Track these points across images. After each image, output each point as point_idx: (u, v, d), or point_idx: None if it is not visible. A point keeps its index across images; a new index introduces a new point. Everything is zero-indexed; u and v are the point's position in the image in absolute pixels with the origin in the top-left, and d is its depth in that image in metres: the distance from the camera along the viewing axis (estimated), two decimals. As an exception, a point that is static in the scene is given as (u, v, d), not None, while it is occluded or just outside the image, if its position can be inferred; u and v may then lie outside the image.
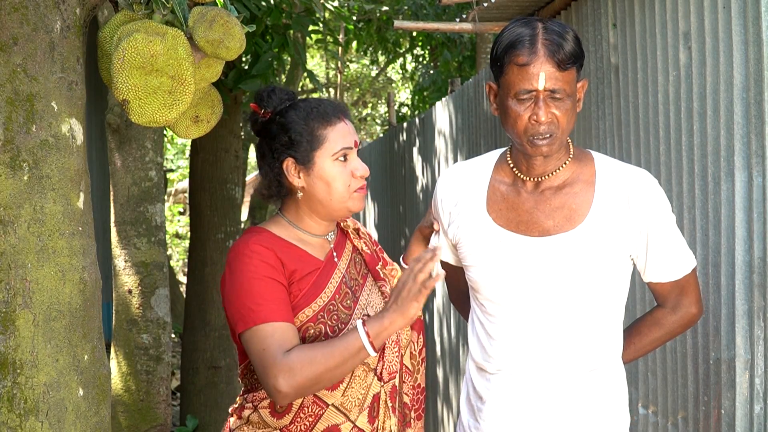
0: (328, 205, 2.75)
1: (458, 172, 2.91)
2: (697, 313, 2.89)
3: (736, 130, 3.19)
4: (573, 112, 2.66)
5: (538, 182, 2.76)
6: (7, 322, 2.29)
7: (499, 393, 2.81)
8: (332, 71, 22.90)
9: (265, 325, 2.59)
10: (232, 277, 2.67)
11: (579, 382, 2.76)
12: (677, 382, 3.63)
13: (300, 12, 7.88)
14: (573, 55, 2.60)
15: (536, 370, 2.76)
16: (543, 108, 2.60)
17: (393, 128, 10.08)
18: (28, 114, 2.33)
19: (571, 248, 2.69)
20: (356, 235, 2.94)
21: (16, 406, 2.29)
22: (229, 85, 7.54)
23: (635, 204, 2.71)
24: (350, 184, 2.74)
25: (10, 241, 2.30)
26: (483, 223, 2.78)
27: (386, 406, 2.77)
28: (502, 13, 5.52)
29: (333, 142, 2.73)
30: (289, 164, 2.74)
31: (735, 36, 3.19)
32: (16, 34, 2.33)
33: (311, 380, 2.54)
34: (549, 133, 2.63)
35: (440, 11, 12.42)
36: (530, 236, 2.73)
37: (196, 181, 8.43)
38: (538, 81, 2.59)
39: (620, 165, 2.80)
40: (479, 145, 6.72)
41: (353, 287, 2.81)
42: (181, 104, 2.40)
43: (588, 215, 2.70)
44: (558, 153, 2.73)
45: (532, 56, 2.59)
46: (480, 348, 2.88)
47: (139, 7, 2.52)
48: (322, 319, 2.69)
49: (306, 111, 2.75)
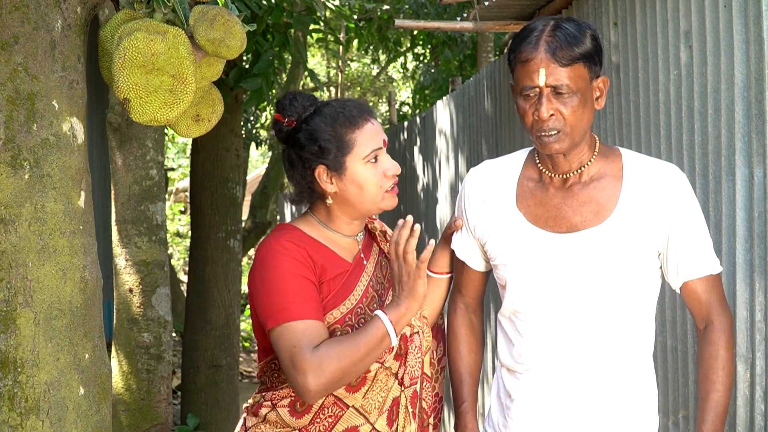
0: (360, 207, 2.76)
1: (487, 170, 2.91)
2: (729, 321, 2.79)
3: (737, 129, 3.19)
4: (583, 109, 2.65)
5: (566, 179, 2.76)
6: (8, 321, 2.29)
7: (529, 391, 2.80)
8: (333, 70, 22.91)
9: (297, 322, 2.59)
10: (263, 274, 2.66)
11: (608, 381, 2.75)
12: (678, 380, 3.62)
13: (301, 11, 7.88)
14: (579, 52, 2.60)
15: (565, 367, 2.76)
16: (545, 104, 2.61)
17: (394, 127, 10.09)
18: (29, 113, 2.33)
19: (599, 243, 2.69)
20: (383, 237, 2.94)
21: (17, 405, 2.29)
22: (230, 83, 7.54)
23: (661, 197, 2.70)
24: (382, 185, 2.74)
25: (11, 239, 2.30)
26: (513, 220, 2.79)
27: (407, 411, 2.77)
28: (503, 12, 5.52)
29: (363, 146, 2.72)
30: (321, 171, 2.74)
31: (736, 35, 3.19)
32: (17, 32, 2.33)
33: (339, 374, 2.56)
34: (554, 129, 2.64)
35: (441, 10, 12.41)
36: (559, 232, 2.73)
37: (197, 179, 8.43)
38: (539, 77, 2.61)
39: (648, 159, 2.80)
40: (480, 144, 6.72)
41: (379, 291, 2.81)
42: (182, 103, 2.40)
43: (615, 210, 2.70)
44: (580, 150, 2.74)
45: (533, 52, 2.61)
46: (508, 347, 2.88)
47: (140, 6, 2.52)
48: (349, 321, 2.70)
49: (332, 116, 2.74)
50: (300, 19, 7.64)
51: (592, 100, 2.69)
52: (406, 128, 9.29)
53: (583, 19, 2.72)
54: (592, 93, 2.68)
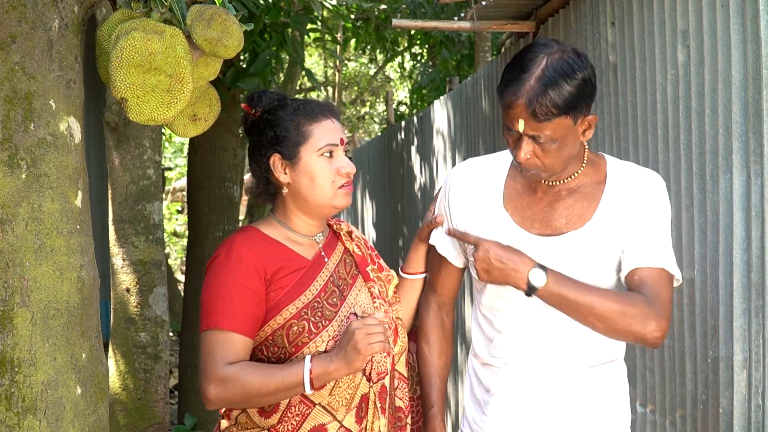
0: (312, 200, 2.78)
1: (473, 168, 2.91)
2: (652, 332, 2.61)
3: (735, 129, 3.19)
4: (563, 150, 2.64)
5: (552, 183, 2.77)
6: (5, 321, 2.29)
7: (507, 384, 2.82)
8: (330, 70, 22.90)
9: (218, 331, 2.66)
10: (208, 276, 2.74)
11: (583, 377, 2.79)
12: (675, 380, 3.63)
13: (298, 10, 7.88)
14: (560, 106, 2.56)
15: (542, 363, 2.79)
16: (522, 148, 2.64)
17: (391, 127, 10.09)
18: (26, 112, 2.33)
19: (580, 246, 2.71)
20: (348, 237, 2.97)
21: (14, 405, 2.29)
22: (228, 83, 7.54)
23: (636, 199, 2.72)
24: (334, 180, 2.77)
25: (8, 239, 2.30)
26: (500, 220, 2.79)
27: (375, 407, 2.78)
28: (501, 12, 5.51)
29: (319, 138, 2.77)
30: (276, 160, 2.78)
31: (733, 34, 3.19)
32: (14, 32, 2.33)
33: (240, 398, 2.64)
34: (532, 170, 2.66)
35: (438, 10, 12.41)
36: (544, 235, 2.74)
37: (195, 179, 8.42)
38: (518, 125, 2.61)
39: (630, 166, 2.82)
40: (477, 144, 6.72)
41: (341, 286, 2.82)
42: (180, 103, 2.40)
43: (595, 213, 2.72)
44: (571, 165, 2.75)
45: (515, 101, 2.59)
46: (485, 344, 2.89)
47: (137, 6, 2.51)
48: (305, 315, 2.71)
49: (293, 108, 2.81)
50: (297, 19, 7.64)
51: (576, 137, 2.67)
52: (403, 128, 9.29)
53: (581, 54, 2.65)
54: (578, 132, 2.66)
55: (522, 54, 2.65)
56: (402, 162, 9.20)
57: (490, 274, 2.66)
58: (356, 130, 24.00)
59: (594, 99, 2.69)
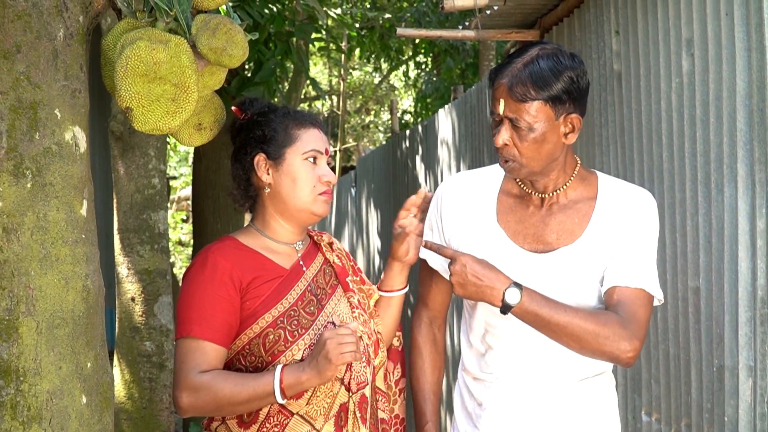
0: (291, 203, 2.80)
1: (465, 181, 2.91)
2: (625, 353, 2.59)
3: (739, 138, 3.19)
4: (541, 144, 2.65)
5: (543, 198, 2.77)
6: (11, 330, 2.29)
7: (499, 398, 2.82)
8: (335, 78, 22.93)
9: (191, 339, 2.69)
10: (183, 285, 2.76)
11: (574, 390, 2.80)
12: (680, 389, 3.62)
13: (303, 19, 7.89)
14: (542, 92, 2.60)
15: (534, 377, 2.79)
16: (500, 133, 2.67)
17: (396, 136, 10.08)
18: (31, 122, 2.33)
19: (570, 262, 2.71)
20: (329, 248, 2.98)
21: (19, 414, 2.29)
22: (232, 92, 7.54)
23: (625, 217, 2.72)
24: (315, 186, 2.80)
25: (13, 248, 2.30)
26: (493, 235, 2.79)
27: (354, 417, 2.78)
28: (505, 21, 5.52)
29: (305, 143, 2.81)
30: (260, 159, 2.82)
31: (738, 43, 3.19)
32: (20, 41, 2.33)
33: (212, 406, 2.67)
34: (508, 158, 2.67)
35: (443, 18, 12.43)
36: (535, 251, 2.75)
37: (200, 188, 8.43)
38: (499, 105, 2.65)
39: (622, 184, 2.82)
40: (482, 153, 6.72)
41: (319, 295, 2.83)
42: (185, 112, 2.41)
43: (586, 230, 2.73)
44: (552, 175, 2.75)
45: (498, 81, 2.66)
46: (476, 358, 2.89)
47: (142, 15, 2.52)
48: (281, 324, 2.72)
49: (283, 113, 2.86)
50: (302, 28, 7.65)
51: (557, 136, 2.67)
52: (408, 137, 9.29)
53: (576, 57, 2.69)
54: (558, 129, 2.67)
55: (522, 47, 2.72)
56: (406, 171, 9.20)
57: (466, 289, 2.65)
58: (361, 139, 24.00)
59: (583, 104, 2.70)
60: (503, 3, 5.10)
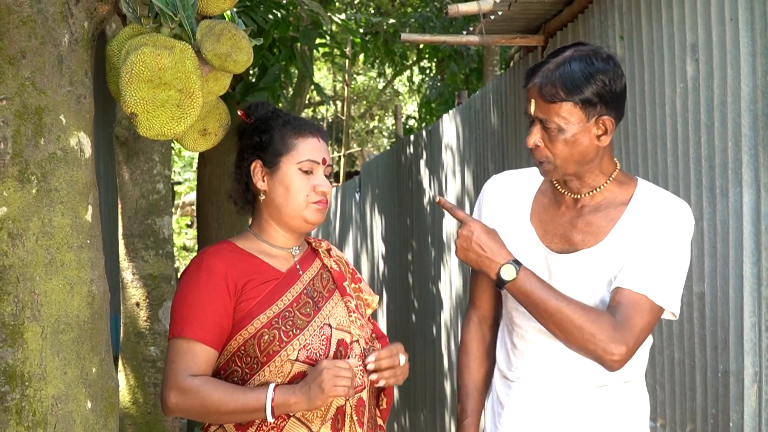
0: (284, 211, 2.82)
1: (507, 180, 2.94)
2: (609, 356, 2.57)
3: (744, 143, 3.19)
4: (573, 145, 2.65)
5: (577, 199, 2.77)
6: (16, 335, 2.30)
7: (518, 399, 2.83)
8: (339, 84, 22.94)
9: (182, 340, 2.71)
10: (179, 286, 2.79)
11: (594, 396, 2.77)
12: (685, 394, 3.62)
13: (307, 25, 7.89)
14: (571, 93, 2.60)
15: (554, 380, 2.79)
16: (532, 134, 2.68)
17: (400, 141, 10.09)
18: (36, 127, 2.34)
19: (589, 264, 2.70)
20: (327, 254, 2.98)
21: (24, 419, 2.29)
22: (237, 98, 7.54)
23: (651, 223, 2.68)
24: (308, 195, 2.80)
25: (18, 254, 2.31)
26: (525, 233, 2.81)
27: (351, 420, 2.79)
28: (509, 26, 5.53)
29: (301, 152, 2.81)
30: (257, 166, 2.83)
31: (742, 48, 3.19)
32: (25, 47, 2.34)
33: (198, 411, 2.68)
34: (542, 160, 2.67)
35: (447, 24, 12.43)
36: (561, 251, 2.75)
37: (204, 193, 8.43)
38: (531, 106, 2.67)
39: (662, 192, 2.78)
40: (486, 158, 6.72)
41: (316, 298, 2.84)
42: (189, 117, 2.41)
43: (611, 232, 2.70)
44: (590, 176, 2.74)
45: (530, 81, 2.67)
46: (506, 357, 2.90)
47: (147, 21, 2.52)
48: (276, 325, 2.73)
49: (284, 120, 2.86)
50: (306, 33, 7.66)
51: (589, 138, 2.66)
52: (412, 142, 9.29)
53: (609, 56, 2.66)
54: (590, 131, 2.66)
55: (558, 49, 2.73)
56: (411, 176, 9.20)
57: (466, 255, 2.69)
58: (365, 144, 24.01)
59: (618, 106, 2.66)
60: (507, 8, 5.11)
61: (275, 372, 2.71)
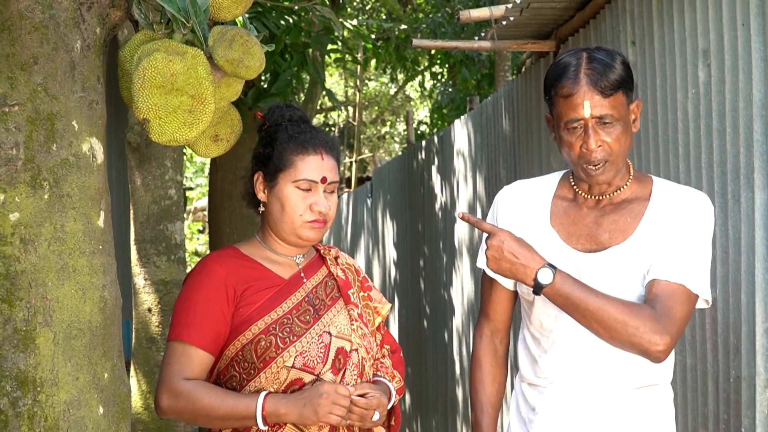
0: (279, 226, 2.84)
1: (520, 188, 2.94)
2: (655, 347, 2.57)
3: (756, 148, 3.18)
4: (626, 135, 2.69)
5: (599, 200, 2.79)
6: (28, 341, 2.30)
7: (552, 403, 2.82)
8: (351, 89, 22.95)
9: (179, 343, 2.74)
10: (181, 289, 2.82)
11: (628, 398, 2.77)
12: (697, 400, 3.61)
13: (319, 31, 7.90)
14: (617, 80, 2.65)
15: (587, 383, 2.78)
16: (592, 136, 2.67)
17: (412, 146, 10.09)
18: (48, 133, 2.34)
19: (622, 261, 2.70)
20: (334, 262, 2.98)
21: (36, 424, 2.30)
22: (249, 103, 7.56)
23: (677, 215, 2.71)
24: (303, 214, 2.80)
25: (30, 259, 2.31)
26: (547, 237, 2.80)
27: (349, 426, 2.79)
28: (521, 31, 5.53)
29: (299, 171, 2.80)
30: (259, 177, 2.86)
31: (754, 53, 3.19)
32: (37, 53, 2.34)
33: (190, 414, 2.71)
34: (602, 159, 2.68)
35: (459, 29, 12.43)
36: (588, 251, 2.76)
37: (216, 199, 8.44)
38: (584, 109, 2.65)
39: (678, 185, 2.82)
40: (498, 163, 6.72)
41: (317, 306, 2.85)
42: (201, 123, 2.41)
43: (637, 228, 2.72)
44: (620, 173, 2.76)
45: (575, 86, 2.66)
46: (531, 363, 2.89)
47: (159, 27, 2.53)
48: (273, 331, 2.75)
49: (289, 134, 2.85)
50: (318, 39, 7.67)
51: (629, 125, 2.72)
52: (423, 147, 9.29)
53: (608, 46, 2.74)
54: (630, 118, 2.72)
55: (561, 57, 2.75)
56: (422, 182, 9.20)
57: (500, 265, 2.67)
58: (376, 150, 24.02)
59: (634, 86, 2.74)
60: (519, 14, 5.11)
61: (271, 378, 2.73)
